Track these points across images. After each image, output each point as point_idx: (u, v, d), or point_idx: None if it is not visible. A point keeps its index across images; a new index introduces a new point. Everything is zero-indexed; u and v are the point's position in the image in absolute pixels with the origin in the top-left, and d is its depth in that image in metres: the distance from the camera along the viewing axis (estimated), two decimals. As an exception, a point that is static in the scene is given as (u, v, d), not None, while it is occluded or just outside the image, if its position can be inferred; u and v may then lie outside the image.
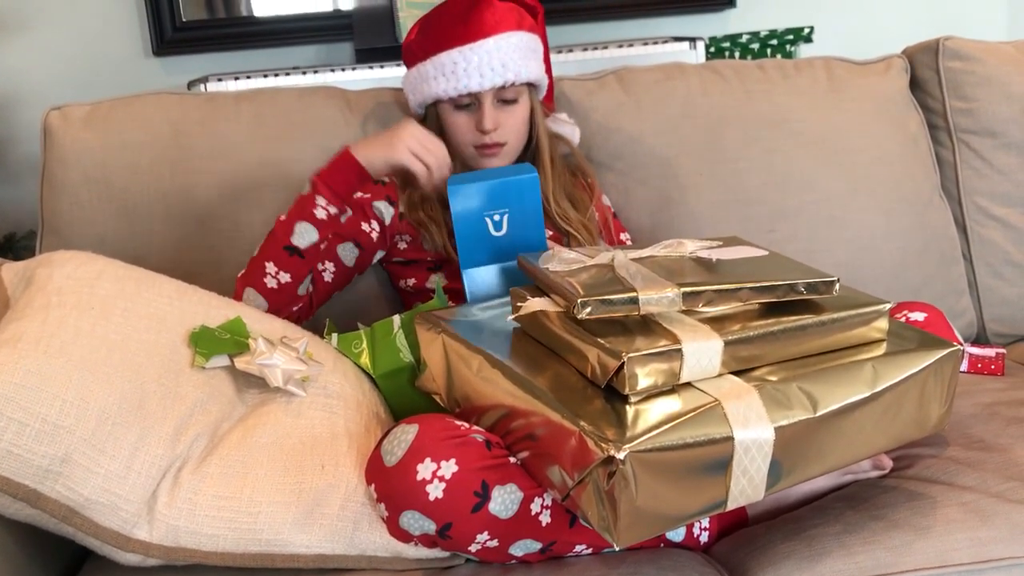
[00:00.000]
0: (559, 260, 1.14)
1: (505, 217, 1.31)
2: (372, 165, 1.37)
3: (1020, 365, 1.60)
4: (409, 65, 1.47)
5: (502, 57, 1.40)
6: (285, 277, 1.34)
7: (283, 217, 1.37)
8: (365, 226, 1.42)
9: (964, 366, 1.54)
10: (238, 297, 1.35)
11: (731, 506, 0.99)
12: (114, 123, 1.57)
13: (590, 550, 1.10)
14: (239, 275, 1.38)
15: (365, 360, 1.29)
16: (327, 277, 1.41)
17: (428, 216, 1.43)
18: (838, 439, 1.04)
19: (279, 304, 1.35)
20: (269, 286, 1.34)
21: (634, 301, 1.02)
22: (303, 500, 1.05)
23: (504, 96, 1.44)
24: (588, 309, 1.01)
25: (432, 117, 1.48)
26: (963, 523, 1.08)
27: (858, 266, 1.68)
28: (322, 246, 1.38)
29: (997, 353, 1.54)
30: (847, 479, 1.20)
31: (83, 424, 0.98)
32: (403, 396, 1.29)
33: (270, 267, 1.34)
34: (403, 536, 1.03)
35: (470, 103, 1.43)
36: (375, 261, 1.48)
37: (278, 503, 1.04)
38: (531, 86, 1.49)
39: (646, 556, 1.10)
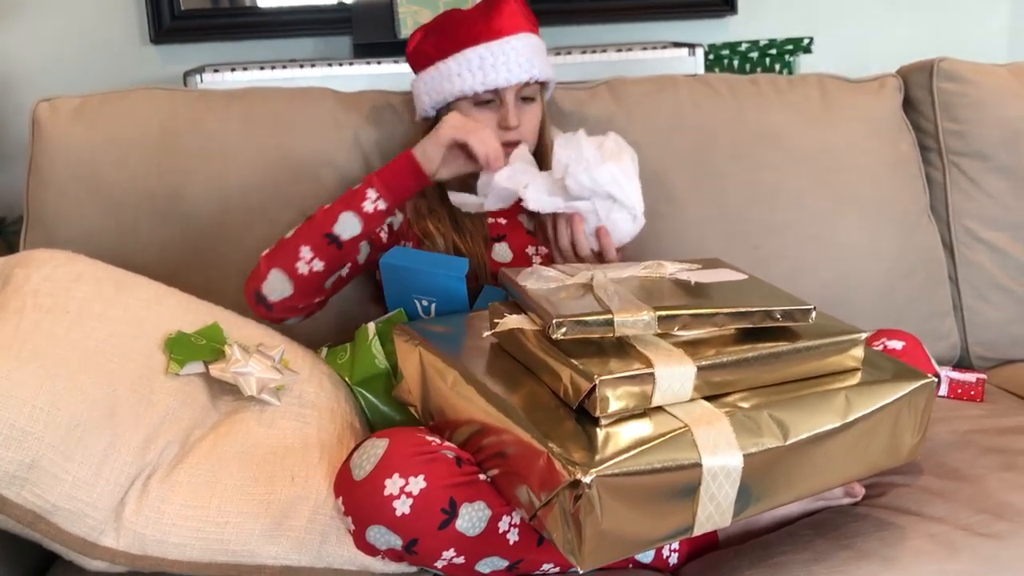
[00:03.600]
0: (538, 277, 1.14)
1: (433, 306, 1.31)
2: (427, 154, 1.34)
3: (1001, 390, 1.61)
4: (421, 68, 1.47)
5: (527, 54, 1.43)
6: (318, 265, 1.32)
7: (326, 206, 1.35)
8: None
9: (944, 390, 1.55)
10: (261, 275, 1.32)
11: (698, 532, 0.99)
12: (104, 118, 1.56)
13: (557, 569, 1.10)
14: (265, 253, 1.35)
15: (345, 368, 1.30)
16: (344, 272, 1.39)
17: (435, 228, 1.42)
18: (808, 467, 1.04)
19: (304, 292, 1.33)
20: (300, 272, 1.31)
21: (609, 323, 1.02)
22: (271, 511, 1.05)
23: (524, 94, 1.45)
24: (563, 329, 1.01)
25: None
26: (931, 555, 1.08)
27: (843, 286, 1.68)
28: (362, 242, 1.35)
29: (977, 379, 1.54)
30: (819, 505, 1.20)
31: (52, 431, 0.98)
32: (379, 406, 1.29)
33: (305, 252, 1.31)
34: (369, 550, 1.03)
35: (491, 100, 1.43)
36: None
37: (246, 514, 1.04)
38: (543, 88, 1.51)
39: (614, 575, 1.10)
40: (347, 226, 1.33)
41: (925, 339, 1.68)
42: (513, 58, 1.41)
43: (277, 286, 1.32)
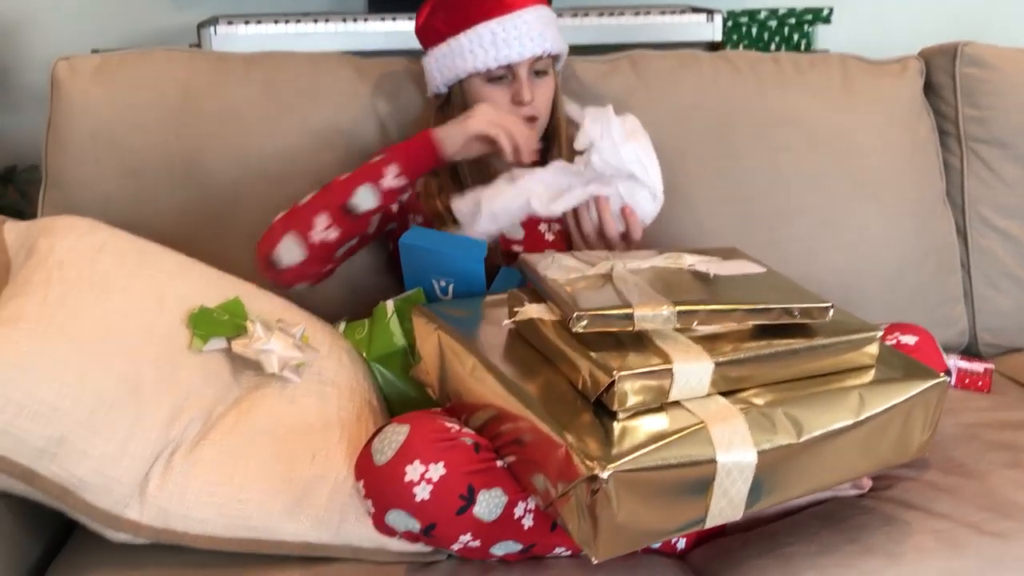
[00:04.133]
0: (559, 267, 1.14)
1: (451, 287, 1.32)
2: (449, 138, 1.35)
3: (1008, 379, 1.62)
4: (431, 44, 1.46)
5: (539, 28, 1.42)
6: (333, 235, 1.33)
7: (343, 177, 1.36)
8: None
9: (952, 380, 1.56)
10: (275, 239, 1.33)
11: (710, 524, 1.01)
12: (123, 79, 1.56)
13: (569, 552, 1.13)
14: (278, 217, 1.36)
15: (363, 344, 1.31)
16: (354, 243, 1.40)
17: (445, 207, 1.43)
18: (820, 463, 1.06)
19: (316, 259, 1.34)
20: (313, 240, 1.32)
21: (629, 317, 1.03)
22: (292, 489, 1.07)
23: (536, 67, 1.44)
24: (584, 323, 1.02)
25: (458, 95, 1.47)
26: (935, 552, 1.11)
27: (856, 270, 1.69)
28: (374, 216, 1.36)
29: (985, 369, 1.56)
30: (825, 495, 1.22)
31: (80, 406, 1.00)
32: (395, 382, 1.31)
33: (320, 220, 1.32)
34: (388, 532, 1.06)
35: (504, 75, 1.43)
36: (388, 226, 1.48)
37: (268, 491, 1.06)
38: (554, 61, 1.50)
39: (622, 561, 1.12)
40: (365, 198, 1.34)
41: (934, 325, 1.69)
42: (525, 32, 1.40)
43: (290, 252, 1.33)
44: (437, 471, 1.01)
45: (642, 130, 1.37)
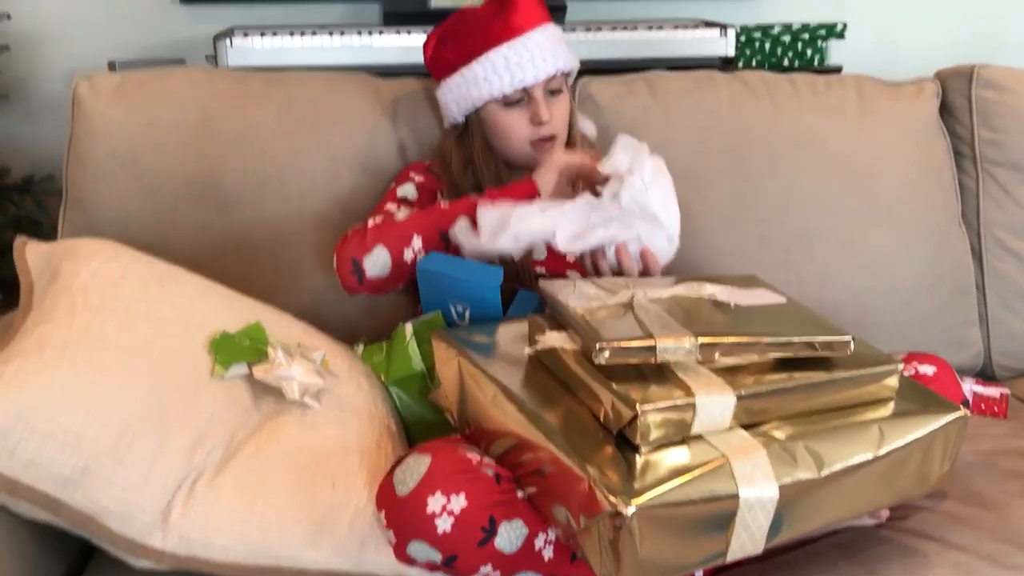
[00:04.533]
0: (579, 295, 1.15)
1: (467, 312, 1.33)
2: (542, 178, 1.38)
3: (1022, 402, 1.62)
4: (444, 75, 1.47)
5: (550, 47, 1.43)
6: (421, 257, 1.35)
7: (445, 204, 1.38)
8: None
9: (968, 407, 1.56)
10: (366, 246, 1.33)
11: (731, 559, 1.02)
12: (143, 98, 1.57)
13: (588, 582, 1.13)
14: (373, 224, 1.36)
15: (381, 367, 1.32)
16: None
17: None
18: (840, 497, 1.07)
19: (398, 277, 1.36)
20: (405, 258, 1.34)
21: (651, 349, 1.03)
22: (313, 517, 1.08)
23: (551, 87, 1.46)
24: (606, 354, 1.02)
25: (476, 123, 1.48)
26: (954, 585, 1.11)
27: (871, 292, 1.69)
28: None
29: (1001, 394, 1.56)
30: (843, 524, 1.22)
31: (105, 435, 1.00)
32: (413, 406, 1.31)
33: (416, 242, 1.34)
34: (408, 561, 1.06)
35: (520, 99, 1.44)
36: None
37: (289, 519, 1.07)
38: (567, 77, 1.51)
39: (642, 590, 1.13)
40: (461, 232, 1.33)
41: (949, 347, 1.71)
42: (537, 53, 1.42)
43: (378, 263, 1.34)
44: (459, 503, 1.01)
45: (667, 173, 1.38)
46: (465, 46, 1.44)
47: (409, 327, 1.34)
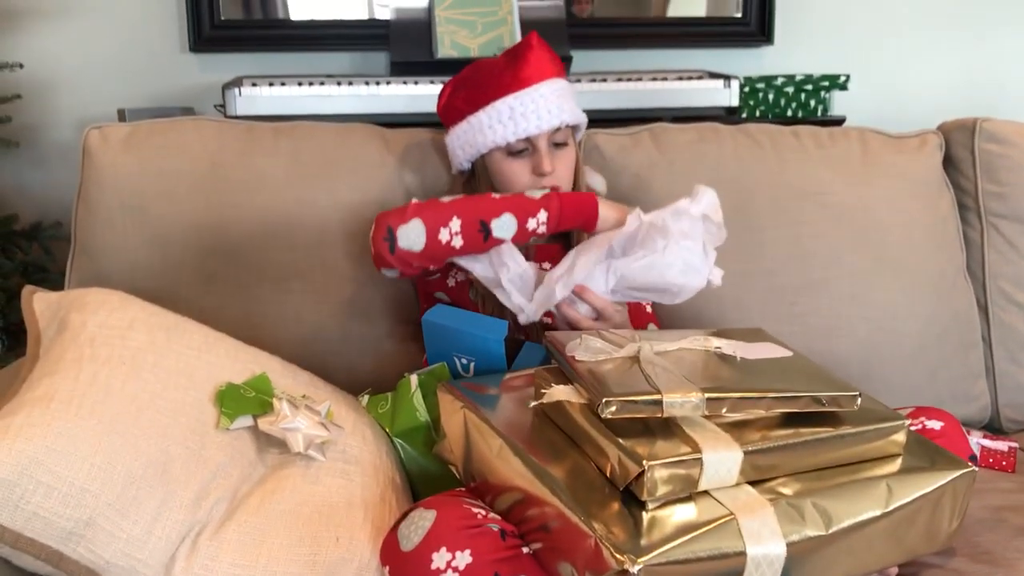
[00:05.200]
0: (586, 348, 1.15)
1: (472, 365, 1.33)
2: (604, 217, 1.37)
3: (1031, 456, 1.61)
4: (452, 123, 1.49)
5: (556, 100, 1.45)
6: (457, 242, 1.31)
7: (495, 195, 1.35)
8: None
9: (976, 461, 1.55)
10: (406, 216, 1.31)
11: (738, 617, 1.00)
12: (153, 148, 1.58)
13: (594, 638, 1.12)
14: (415, 201, 1.33)
15: (385, 418, 1.32)
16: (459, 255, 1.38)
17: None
18: (848, 554, 1.06)
19: (428, 255, 1.32)
20: (439, 237, 1.31)
21: (658, 403, 1.03)
22: (317, 571, 1.07)
23: (556, 139, 1.47)
24: (612, 408, 1.02)
25: (482, 170, 1.49)
26: (964, 645, 1.09)
27: (877, 344, 1.69)
28: (502, 246, 1.34)
29: (1009, 448, 1.55)
30: (852, 581, 1.21)
31: (109, 488, 1.00)
32: (418, 458, 1.31)
33: (455, 224, 1.31)
34: (412, 617, 1.05)
35: (524, 148, 1.45)
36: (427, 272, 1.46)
37: (293, 573, 1.06)
38: (574, 131, 1.52)
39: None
40: (504, 226, 1.32)
41: (956, 400, 1.70)
42: (542, 105, 1.43)
43: (412, 235, 1.31)
44: (464, 559, 1.01)
45: (717, 229, 1.37)
46: (475, 95, 1.46)
47: (414, 378, 1.34)
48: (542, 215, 1.34)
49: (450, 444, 1.23)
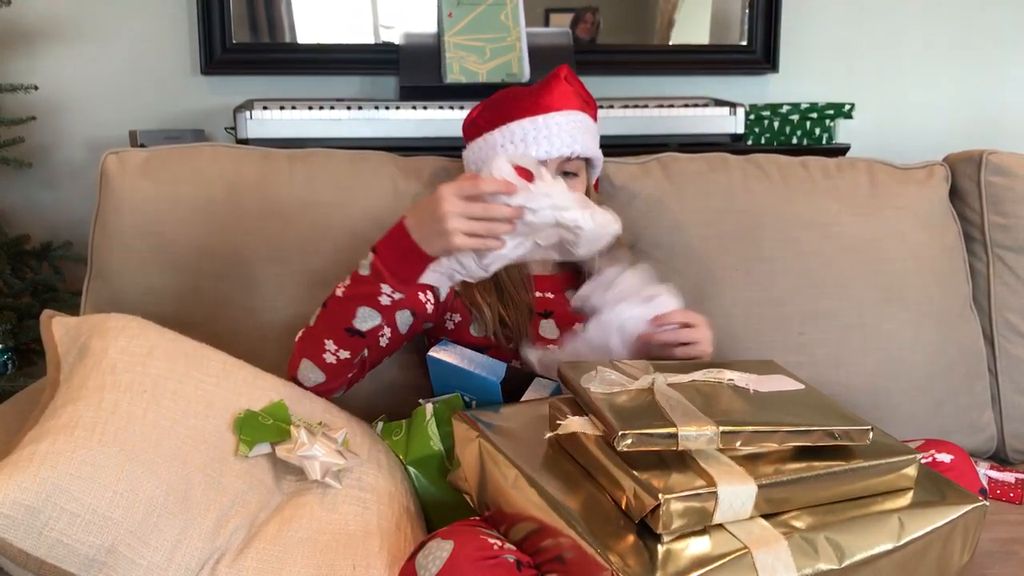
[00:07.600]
0: (601, 381, 1.16)
1: (474, 403, 1.37)
2: (433, 252, 1.32)
3: (1037, 487, 1.62)
4: (470, 139, 1.51)
5: (570, 130, 1.46)
6: (344, 354, 1.34)
7: (341, 292, 1.35)
8: (422, 296, 1.38)
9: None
10: (294, 363, 1.35)
11: (751, 649, 1.01)
12: (170, 174, 1.60)
13: (608, 669, 1.13)
14: (297, 338, 1.37)
15: (400, 446, 1.33)
16: (383, 342, 1.38)
17: (482, 299, 1.45)
18: (859, 587, 1.07)
19: (336, 375, 1.35)
20: (328, 361, 1.34)
21: (673, 437, 1.04)
22: (334, 600, 1.08)
23: (566, 168, 1.48)
24: (628, 441, 1.03)
25: None
26: None
27: (884, 375, 1.70)
28: (384, 329, 1.36)
29: (1017, 479, 1.56)
30: (862, 614, 1.22)
31: (131, 516, 1.01)
32: (431, 487, 1.32)
33: (330, 345, 1.34)
34: (428, 646, 1.06)
35: None
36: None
37: (310, 602, 1.07)
38: (588, 165, 1.54)
39: None
40: (367, 320, 1.33)
41: (963, 431, 1.71)
42: (556, 132, 1.45)
43: (309, 375, 1.35)
44: (481, 590, 1.02)
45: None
46: (495, 115, 1.48)
47: (429, 407, 1.35)
48: (385, 288, 1.33)
49: (464, 473, 1.24)
